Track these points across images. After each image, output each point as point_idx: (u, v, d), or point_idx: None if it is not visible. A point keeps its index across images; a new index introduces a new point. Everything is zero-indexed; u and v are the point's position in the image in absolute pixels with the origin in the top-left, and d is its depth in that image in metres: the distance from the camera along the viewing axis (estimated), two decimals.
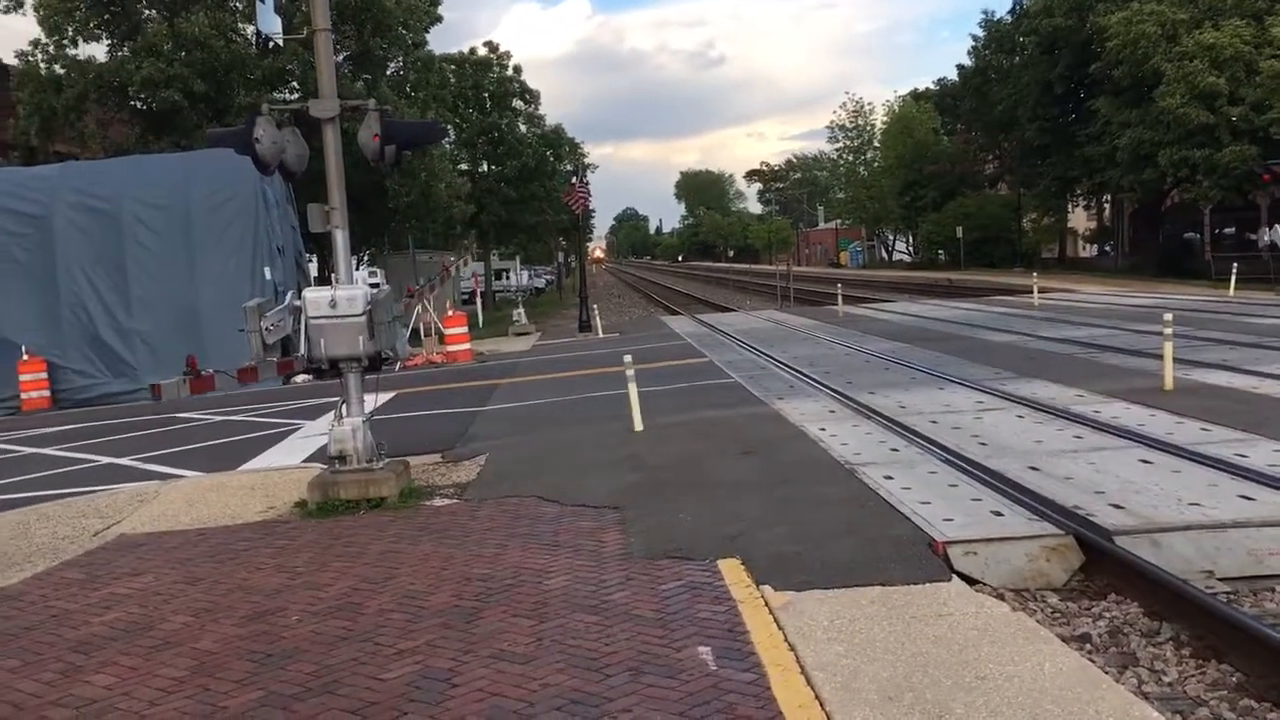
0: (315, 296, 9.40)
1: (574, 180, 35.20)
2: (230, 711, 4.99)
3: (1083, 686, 4.59)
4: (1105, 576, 6.33)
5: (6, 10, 32.10)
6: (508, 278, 72.01)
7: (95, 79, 30.59)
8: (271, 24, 10.06)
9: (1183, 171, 41.87)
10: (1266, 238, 31.23)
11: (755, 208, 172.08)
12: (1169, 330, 12.44)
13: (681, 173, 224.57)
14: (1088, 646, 5.48)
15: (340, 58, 32.94)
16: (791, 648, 5.20)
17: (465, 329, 25.43)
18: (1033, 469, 8.44)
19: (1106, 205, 61.93)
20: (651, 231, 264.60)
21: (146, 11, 32.48)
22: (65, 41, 31.49)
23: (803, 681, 4.81)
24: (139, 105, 31.95)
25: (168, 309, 21.81)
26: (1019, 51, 58.42)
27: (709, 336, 25.43)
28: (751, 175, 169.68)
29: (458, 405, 15.99)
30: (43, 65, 31.24)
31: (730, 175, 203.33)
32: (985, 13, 63.58)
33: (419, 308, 27.44)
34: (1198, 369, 13.46)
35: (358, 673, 5.34)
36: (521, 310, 35.92)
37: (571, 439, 12.03)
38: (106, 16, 32.19)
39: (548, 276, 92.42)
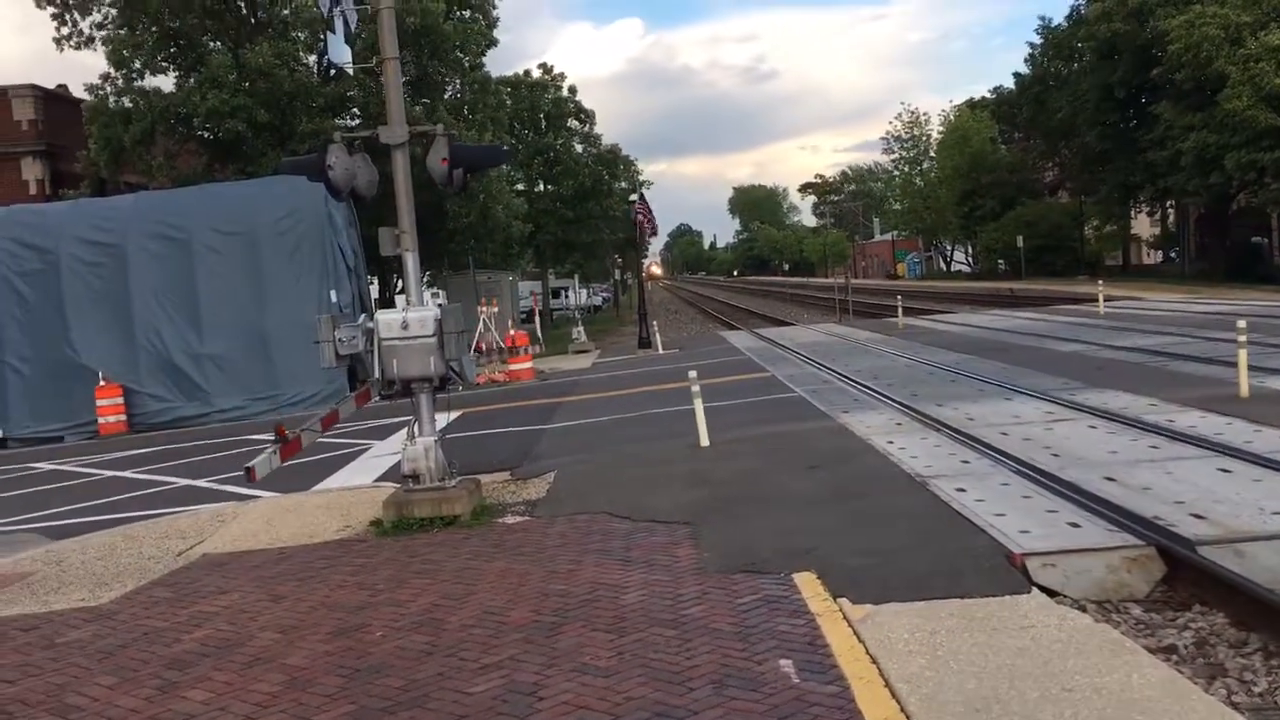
0: (388, 319, 9.60)
1: (633, 201, 35.39)
2: None
3: (1171, 698, 4.56)
4: (1189, 587, 6.26)
5: (77, 46, 33.08)
6: (565, 296, 72.60)
7: (162, 111, 31.38)
8: (342, 54, 10.32)
9: (1250, 175, 41.07)
10: None
11: (809, 221, 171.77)
12: (1243, 338, 12.23)
13: (735, 188, 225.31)
14: (1174, 657, 5.43)
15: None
16: (873, 660, 5.21)
17: (528, 348, 25.63)
18: (1109, 479, 8.36)
19: (1170, 211, 60.85)
20: (705, 247, 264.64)
21: (212, 44, 33.28)
22: (133, 74, 32.36)
23: (887, 694, 4.83)
24: (205, 135, 32.71)
25: (238, 333, 22.30)
26: (1077, 58, 57.70)
27: (768, 351, 25.40)
28: (805, 188, 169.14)
29: (523, 423, 16.16)
30: (112, 99, 32.12)
31: (784, 189, 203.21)
32: (1042, 18, 63.25)
33: (480, 327, 27.75)
34: (1274, 376, 13.20)
35: (444, 687, 5.45)
36: (581, 328, 36.13)
37: (637, 455, 12.11)
38: (173, 49, 33.04)
39: (604, 294, 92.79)
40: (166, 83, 33.63)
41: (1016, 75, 68.33)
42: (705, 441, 11.97)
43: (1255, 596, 5.75)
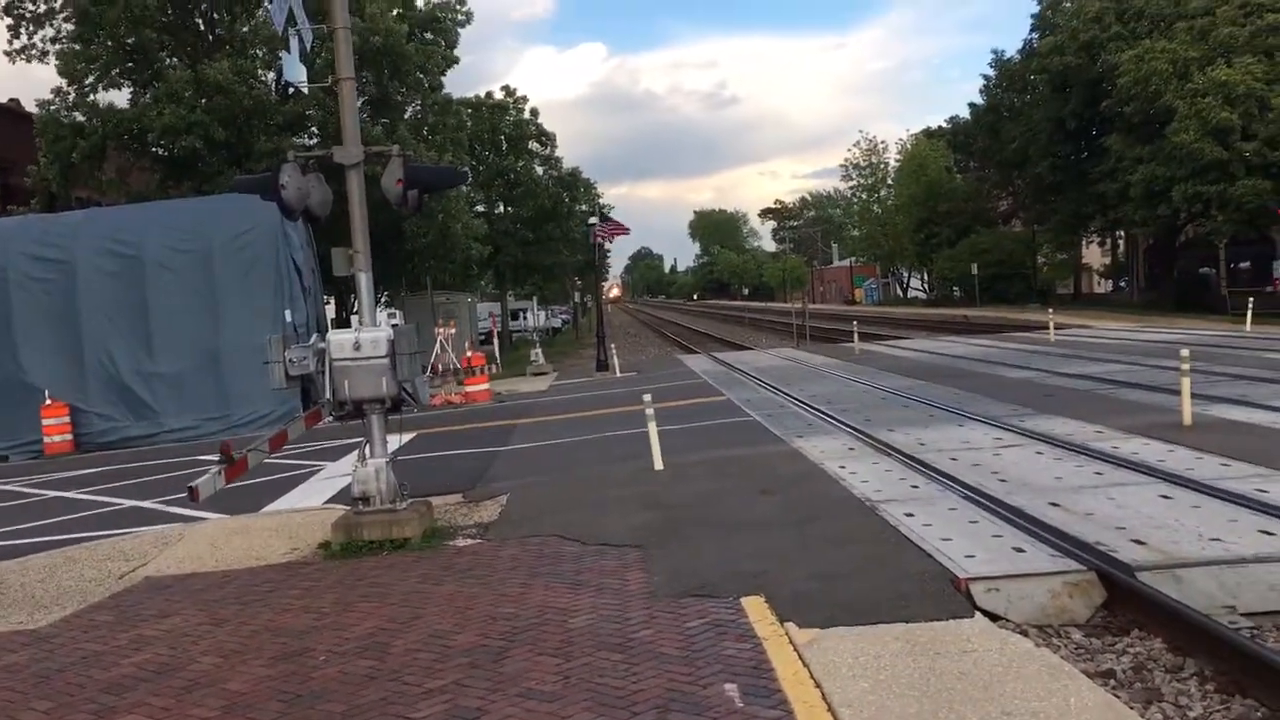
0: (340, 339, 9.55)
1: (593, 225, 35.45)
2: None
3: None
4: (1128, 612, 6.35)
5: (29, 60, 32.69)
6: (524, 318, 72.49)
7: (115, 126, 31.02)
8: (297, 73, 10.31)
9: (1196, 207, 41.97)
10: None
11: (769, 246, 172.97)
12: (1186, 366, 12.46)
13: (695, 211, 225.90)
14: (1112, 682, 5.50)
15: (359, 102, 33.37)
16: (817, 684, 5.24)
17: (484, 368, 25.54)
18: (1053, 505, 8.47)
19: (1120, 241, 61.97)
20: (666, 270, 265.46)
21: (169, 59, 32.98)
22: (86, 89, 31.99)
23: (830, 718, 4.85)
24: (160, 152, 32.36)
25: (190, 352, 22.00)
26: (1030, 90, 58.76)
27: (726, 375, 25.50)
28: (765, 213, 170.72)
29: (478, 445, 16.09)
30: (64, 113, 31.72)
31: (744, 214, 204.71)
32: (995, 52, 64.26)
33: (437, 348, 27.65)
34: (1216, 404, 13.47)
35: (387, 712, 5.40)
36: (539, 350, 36.06)
37: (592, 478, 12.09)
38: (129, 64, 32.73)
39: (564, 316, 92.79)
40: (120, 98, 33.32)
41: (972, 106, 69.49)
42: (660, 465, 11.99)
43: (1192, 622, 5.84)
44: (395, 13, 32.79)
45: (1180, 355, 12.77)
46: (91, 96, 32.10)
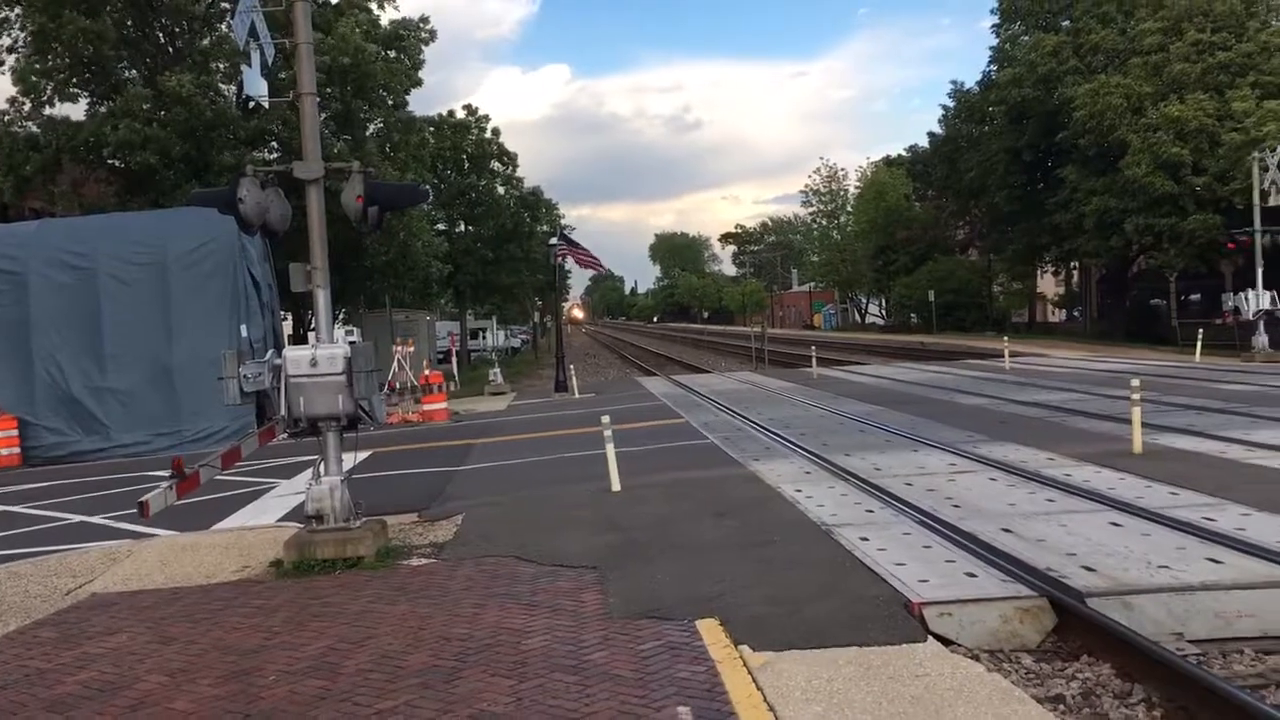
0: (296, 355, 9.45)
1: (554, 245, 35.41)
2: None
3: None
4: (1078, 638, 6.42)
5: None
6: (484, 337, 72.21)
7: (70, 140, 30.62)
8: (258, 87, 10.24)
9: (1148, 239, 42.72)
10: (1230, 303, 31.83)
11: (730, 270, 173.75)
12: (1137, 395, 12.66)
13: (657, 235, 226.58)
14: (1061, 707, 5.55)
15: (322, 118, 33.23)
16: (770, 708, 5.24)
17: (442, 385, 25.40)
18: (1006, 531, 8.55)
19: (1075, 271, 62.94)
20: (627, 292, 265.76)
21: (128, 72, 32.66)
22: (42, 101, 31.57)
23: None
24: (116, 164, 31.98)
25: (143, 366, 21.70)
26: (988, 121, 59.64)
27: (684, 398, 25.54)
28: (726, 238, 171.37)
29: (434, 464, 15.98)
30: (18, 125, 31.27)
31: (705, 238, 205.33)
32: (954, 83, 65.12)
33: (394, 366, 27.47)
34: (1166, 433, 13.68)
35: None
36: (498, 370, 35.94)
37: (548, 499, 12.05)
38: (86, 75, 32.36)
39: (523, 336, 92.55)
40: (77, 110, 32.91)
41: (931, 135, 70.43)
42: (617, 486, 11.98)
43: (1140, 649, 5.91)
44: (360, 31, 32.67)
45: (1131, 385, 12.97)
46: (48, 110, 31.71)
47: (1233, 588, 6.70)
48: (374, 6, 36.38)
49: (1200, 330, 32.06)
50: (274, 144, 33.43)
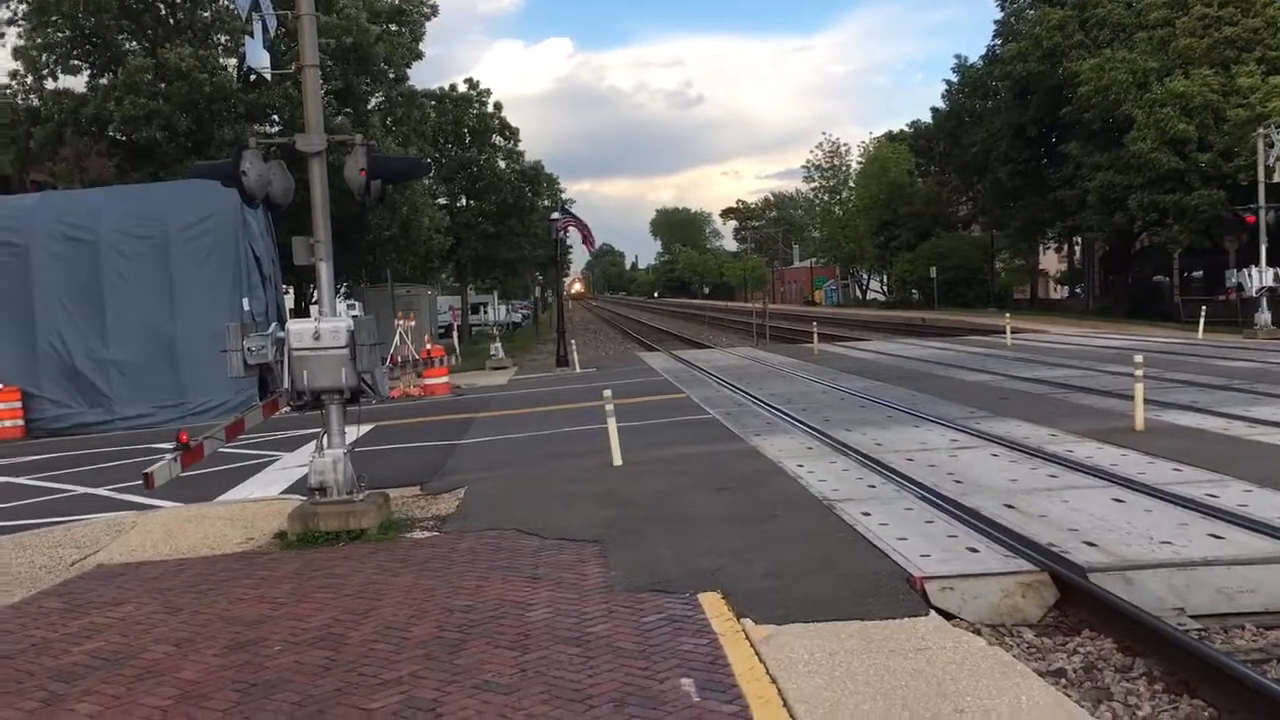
0: (299, 328, 9.45)
1: (555, 219, 35.35)
2: None
3: None
4: (1080, 612, 6.44)
5: None
6: (485, 312, 72.17)
7: (72, 113, 30.51)
8: (260, 59, 10.19)
9: (1152, 215, 42.58)
10: (1234, 280, 31.78)
11: (731, 245, 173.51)
12: (1139, 372, 12.66)
13: (658, 210, 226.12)
14: (1063, 681, 5.58)
15: (324, 92, 33.08)
16: (773, 680, 5.27)
17: (443, 359, 25.42)
18: (1008, 506, 8.58)
19: (1077, 247, 62.81)
20: (627, 267, 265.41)
21: (128, 44, 32.48)
22: (43, 74, 31.43)
23: (785, 714, 4.88)
24: (118, 137, 31.88)
25: (145, 339, 21.71)
26: (992, 95, 59.38)
27: (686, 373, 25.56)
28: (728, 213, 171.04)
29: (436, 438, 16.02)
30: (19, 97, 31.15)
31: (707, 213, 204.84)
32: (958, 57, 65.17)
33: (396, 340, 27.45)
34: (1168, 410, 13.69)
35: (342, 703, 5.37)
36: (499, 344, 35.93)
37: (550, 473, 12.08)
38: (87, 46, 32.20)
39: (524, 311, 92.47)
40: (78, 83, 32.76)
41: (934, 110, 70.12)
42: (618, 461, 12.00)
43: (1141, 623, 5.94)
44: (361, 5, 32.50)
45: (1134, 361, 12.97)
46: (50, 83, 31.56)
47: (1234, 563, 6.72)
48: None
49: (1203, 307, 32.04)
50: (274, 118, 33.31)
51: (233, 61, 31.93)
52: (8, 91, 31.27)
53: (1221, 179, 39.39)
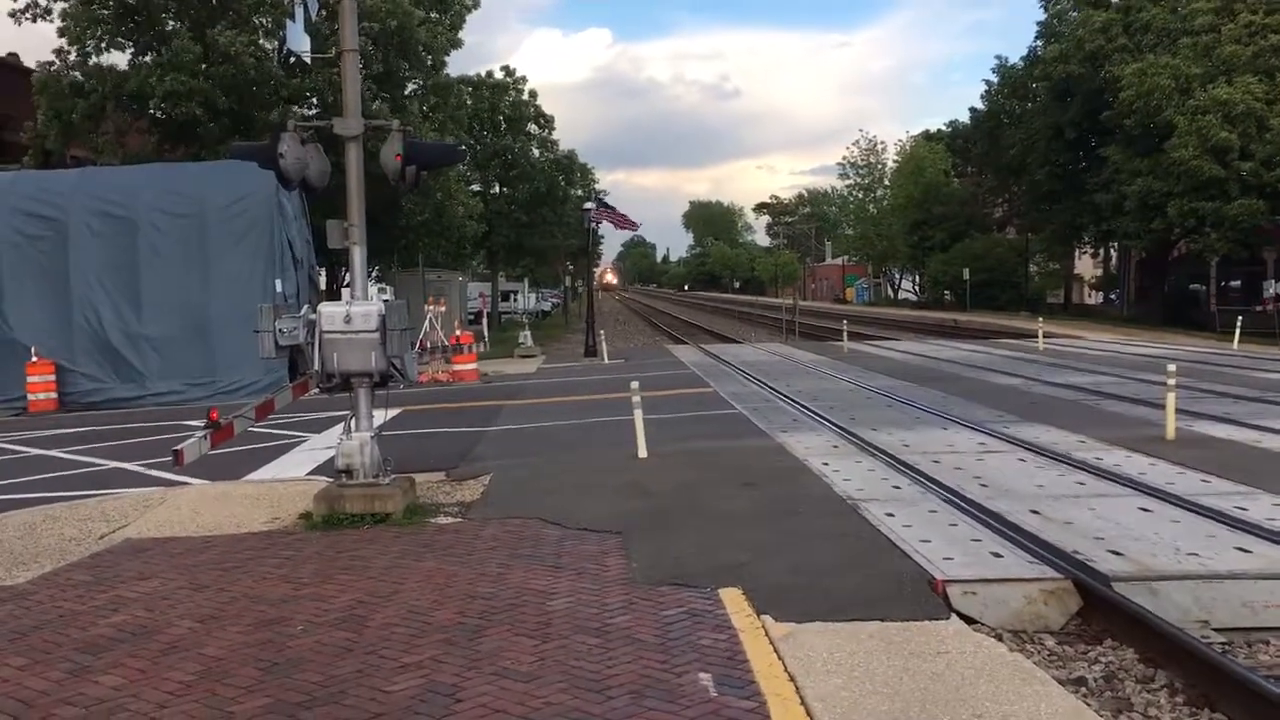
0: (331, 311, 9.52)
1: (588, 209, 35.41)
2: (238, 717, 5.07)
3: None
4: (1102, 622, 6.40)
5: (34, 19, 32.33)
6: (515, 299, 72.38)
7: (115, 87, 30.82)
8: (301, 42, 10.25)
9: (1190, 223, 42.10)
10: (1272, 290, 31.37)
11: (763, 240, 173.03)
12: (1172, 381, 12.54)
13: (691, 202, 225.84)
14: (1083, 690, 5.55)
15: (364, 76, 33.22)
16: (791, 678, 5.28)
17: (473, 346, 25.52)
18: (1033, 512, 8.53)
19: (1113, 253, 62.17)
20: (659, 260, 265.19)
21: (172, 23, 32.74)
22: (88, 50, 31.74)
23: (802, 712, 4.89)
24: (159, 114, 32.16)
25: (179, 317, 21.93)
26: (1032, 97, 58.82)
27: (714, 367, 25.54)
28: (760, 208, 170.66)
29: (463, 425, 16.09)
30: (64, 73, 31.49)
31: (739, 207, 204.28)
32: (999, 57, 64.39)
33: (426, 325, 27.58)
34: (1200, 421, 13.55)
35: (363, 684, 5.42)
36: (528, 332, 36.04)
37: (575, 463, 12.12)
38: (131, 24, 32.47)
39: (554, 300, 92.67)
40: (122, 59, 33.07)
41: (972, 110, 69.50)
42: (644, 453, 12.02)
43: (1164, 634, 5.89)
44: None
45: (1166, 370, 12.85)
46: (94, 59, 31.88)
47: (1261, 577, 6.66)
48: None
49: (1239, 317, 31.65)
50: (313, 101, 33.49)
51: (273, 45, 32.12)
52: (53, 67, 31.60)
53: (1262, 188, 38.91)
